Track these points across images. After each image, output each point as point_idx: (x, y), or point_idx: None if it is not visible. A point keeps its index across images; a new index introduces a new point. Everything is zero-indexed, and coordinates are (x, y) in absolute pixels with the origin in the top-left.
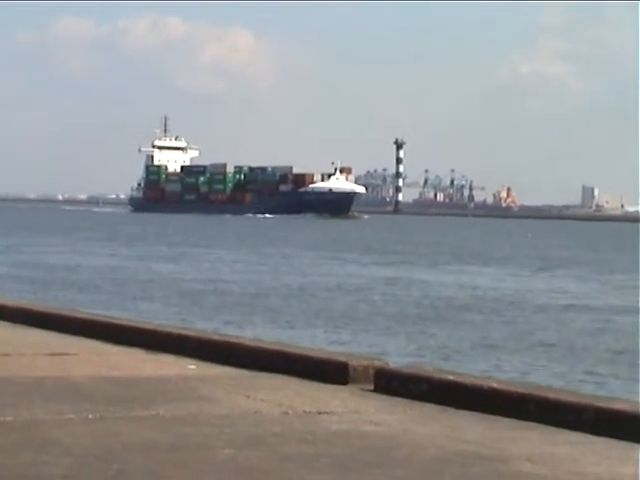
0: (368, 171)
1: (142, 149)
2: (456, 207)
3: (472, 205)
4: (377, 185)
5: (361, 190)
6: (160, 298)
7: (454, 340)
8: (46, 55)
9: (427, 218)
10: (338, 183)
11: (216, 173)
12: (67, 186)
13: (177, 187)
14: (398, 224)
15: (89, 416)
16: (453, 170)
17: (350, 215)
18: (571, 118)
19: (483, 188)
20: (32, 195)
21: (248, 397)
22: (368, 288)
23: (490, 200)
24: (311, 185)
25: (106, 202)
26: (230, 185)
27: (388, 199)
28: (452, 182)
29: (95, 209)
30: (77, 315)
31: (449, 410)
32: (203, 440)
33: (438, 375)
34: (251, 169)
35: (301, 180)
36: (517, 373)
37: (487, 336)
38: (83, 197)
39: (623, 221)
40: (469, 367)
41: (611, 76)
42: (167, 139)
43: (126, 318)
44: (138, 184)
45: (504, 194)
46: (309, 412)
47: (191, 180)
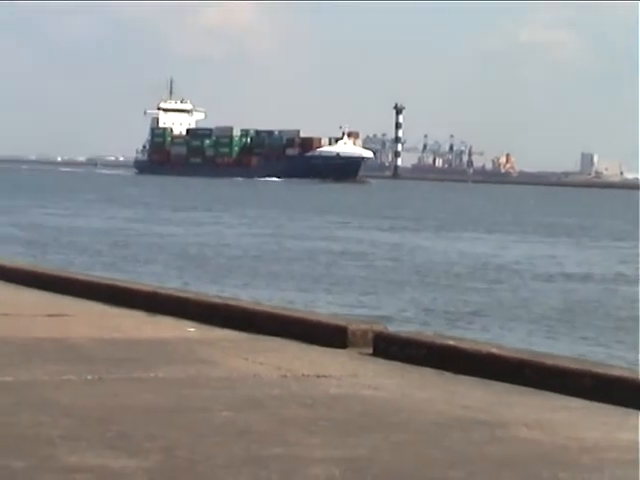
0: (367, 136)
1: (147, 111)
2: (455, 173)
3: (471, 171)
4: (376, 150)
5: (369, 155)
6: (161, 261)
7: (455, 306)
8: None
9: (427, 183)
10: (346, 147)
11: (222, 136)
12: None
13: (183, 150)
14: (403, 189)
15: (88, 377)
16: (452, 136)
17: (358, 180)
18: (570, 85)
19: (482, 154)
20: (32, 157)
21: (247, 360)
22: (371, 253)
23: (489, 166)
24: (318, 149)
25: (105, 164)
26: (236, 148)
27: (387, 164)
28: (451, 147)
29: (99, 171)
30: (76, 276)
31: (448, 375)
32: (202, 403)
33: (437, 340)
34: (257, 132)
35: (308, 144)
36: (518, 340)
37: (489, 303)
38: (82, 159)
39: (622, 188)
40: (470, 334)
41: (609, 43)
42: (172, 102)
43: (126, 280)
44: (143, 146)
45: (503, 160)
46: (308, 375)
47: (197, 143)
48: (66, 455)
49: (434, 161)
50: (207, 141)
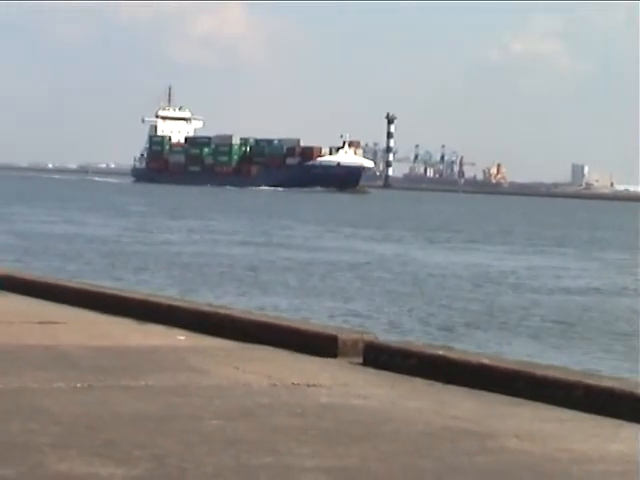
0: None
1: (145, 119)
2: (446, 183)
3: (462, 181)
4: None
5: (370, 164)
6: (153, 269)
7: (453, 318)
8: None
9: (419, 193)
10: (346, 157)
11: (221, 145)
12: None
13: (181, 158)
14: (398, 199)
15: (78, 385)
16: (444, 146)
17: (358, 189)
18: (562, 96)
19: (473, 164)
20: (23, 164)
21: (237, 369)
22: (365, 263)
23: (480, 176)
24: (319, 158)
25: (96, 172)
26: (236, 157)
27: (378, 173)
28: (442, 158)
29: (95, 178)
30: (67, 284)
31: (438, 385)
32: (192, 411)
33: (427, 350)
34: (257, 141)
35: (309, 153)
36: (517, 351)
37: (482, 314)
38: (73, 166)
39: (612, 199)
40: (467, 346)
41: (602, 55)
42: (171, 109)
43: (116, 288)
44: (141, 154)
45: (494, 170)
46: (298, 385)
47: (195, 151)
48: (55, 463)
49: (425, 171)
50: (206, 149)
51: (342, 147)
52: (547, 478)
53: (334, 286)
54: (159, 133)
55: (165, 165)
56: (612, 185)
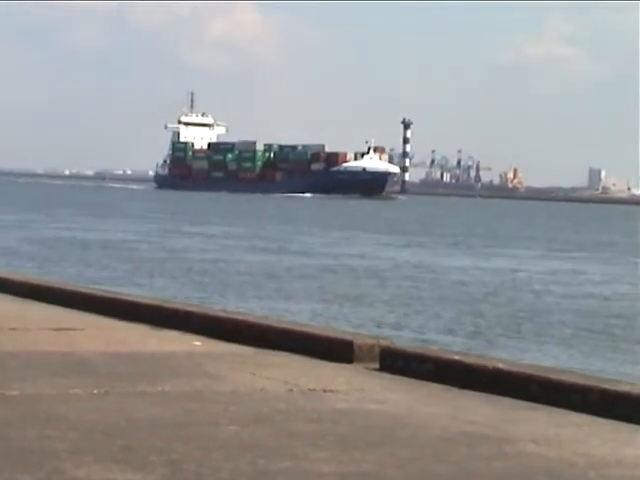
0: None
1: (168, 125)
2: (462, 188)
3: (479, 186)
4: None
5: (395, 170)
6: (172, 276)
7: (468, 323)
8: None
9: (435, 198)
10: (372, 162)
11: (245, 151)
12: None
13: (204, 164)
14: (421, 205)
15: (94, 391)
16: (460, 150)
17: (384, 195)
18: (578, 100)
19: (490, 169)
20: (39, 170)
21: (254, 374)
22: (385, 270)
23: (497, 181)
24: (344, 164)
25: (113, 178)
26: (259, 163)
27: (395, 179)
28: (459, 162)
29: (115, 185)
30: (83, 290)
31: (454, 390)
32: (208, 417)
33: (443, 355)
34: (281, 147)
35: (334, 159)
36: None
37: (502, 320)
38: (90, 173)
39: (630, 204)
40: (480, 350)
41: (618, 58)
42: (193, 115)
43: (132, 294)
44: (164, 161)
45: (511, 175)
46: (314, 390)
47: (219, 157)
48: (72, 469)
49: (442, 176)
50: (229, 155)
51: (367, 153)
52: None
53: (356, 293)
54: (182, 139)
55: (188, 171)
56: (629, 189)
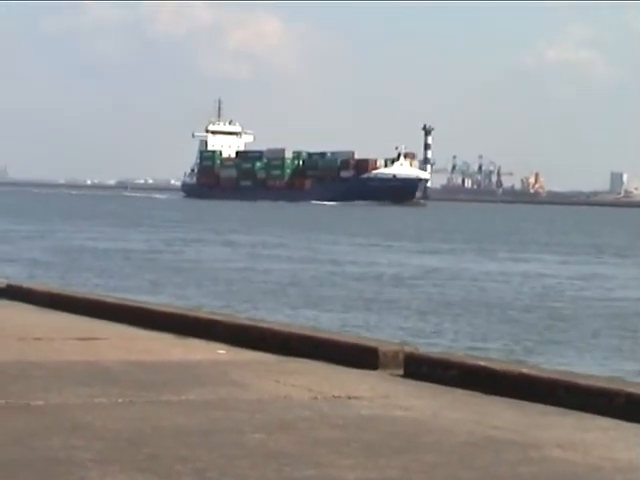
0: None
1: (196, 134)
2: (484, 193)
3: (500, 191)
4: None
5: (426, 176)
6: (197, 284)
7: (491, 330)
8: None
9: (458, 204)
10: (402, 169)
11: (274, 158)
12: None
13: (232, 173)
14: (452, 212)
15: (119, 400)
16: (481, 156)
17: (415, 202)
18: (599, 104)
19: (511, 174)
20: (61, 180)
21: (278, 382)
22: (412, 277)
23: (518, 186)
24: (374, 171)
25: (134, 187)
26: (288, 171)
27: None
28: (480, 168)
29: (140, 194)
30: (107, 300)
31: (479, 396)
32: (233, 425)
33: (468, 360)
34: (310, 154)
35: (364, 166)
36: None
37: (532, 325)
38: (111, 182)
39: None
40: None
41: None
42: (221, 123)
43: (155, 303)
44: (191, 170)
45: (532, 180)
46: (339, 397)
47: (247, 165)
48: (98, 478)
49: (463, 182)
50: (258, 164)
51: (397, 159)
52: None
53: (383, 300)
54: (209, 148)
55: (216, 180)
56: None
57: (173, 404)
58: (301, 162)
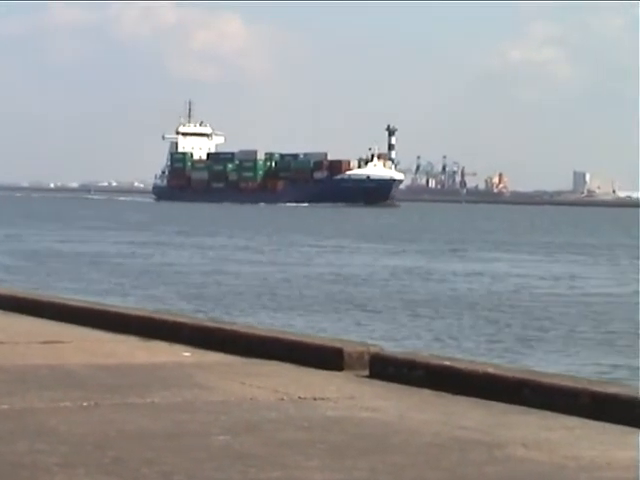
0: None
1: (166, 136)
2: (448, 193)
3: (464, 191)
4: None
5: (400, 177)
6: (164, 288)
7: (458, 329)
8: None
9: (423, 204)
10: (376, 170)
11: (245, 160)
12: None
13: (204, 175)
14: (421, 212)
15: (84, 404)
16: (445, 156)
17: (389, 203)
18: (562, 104)
19: (475, 174)
20: (24, 183)
21: (243, 384)
22: (379, 278)
23: (482, 186)
24: (348, 172)
25: (98, 190)
26: (261, 172)
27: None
28: (444, 168)
29: (120, 198)
30: (71, 303)
31: (445, 396)
32: (199, 427)
33: (434, 361)
34: (282, 156)
35: (337, 167)
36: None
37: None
38: (74, 185)
39: (615, 206)
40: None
41: (601, 62)
42: (192, 125)
43: (120, 305)
44: (162, 172)
45: (496, 180)
46: (305, 398)
47: (219, 167)
48: None
49: (427, 182)
50: (230, 165)
51: (371, 160)
52: None
53: (354, 302)
54: (180, 150)
55: (187, 182)
56: (614, 192)
57: (138, 407)
58: (273, 164)
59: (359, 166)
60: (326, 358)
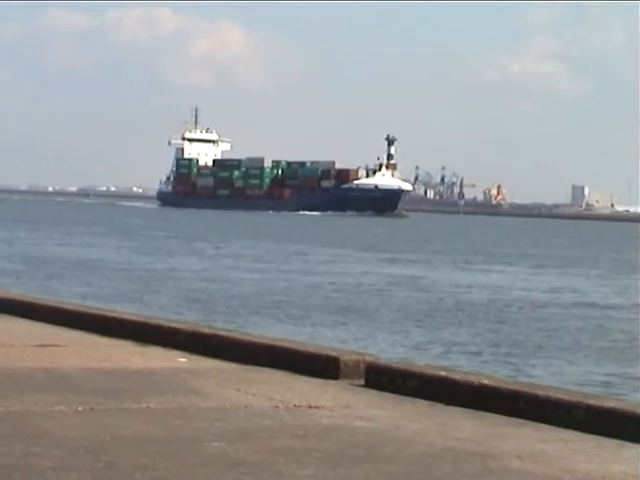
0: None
1: (172, 141)
2: (446, 204)
3: (462, 202)
4: None
5: (408, 187)
6: (165, 295)
7: (456, 339)
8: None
9: (421, 215)
10: (384, 179)
11: (252, 167)
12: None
13: (209, 181)
14: (441, 223)
15: (79, 408)
16: (444, 167)
17: (397, 213)
18: (561, 117)
19: (473, 185)
20: (23, 186)
21: (239, 391)
22: (380, 287)
23: (480, 197)
24: (355, 181)
25: (96, 194)
26: (267, 180)
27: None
28: (443, 179)
29: (124, 203)
30: (67, 307)
31: (440, 406)
32: (193, 433)
33: (429, 371)
34: (289, 164)
35: (345, 176)
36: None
37: (490, 336)
38: (73, 189)
39: (613, 220)
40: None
41: (600, 76)
42: (198, 131)
43: (116, 310)
44: (167, 178)
45: (494, 191)
46: (300, 406)
47: (225, 174)
48: None
49: (426, 193)
50: (236, 172)
51: (379, 169)
52: None
53: (353, 311)
54: (186, 156)
55: (193, 189)
56: (613, 206)
57: (133, 412)
58: (280, 171)
59: (367, 175)
60: (322, 366)
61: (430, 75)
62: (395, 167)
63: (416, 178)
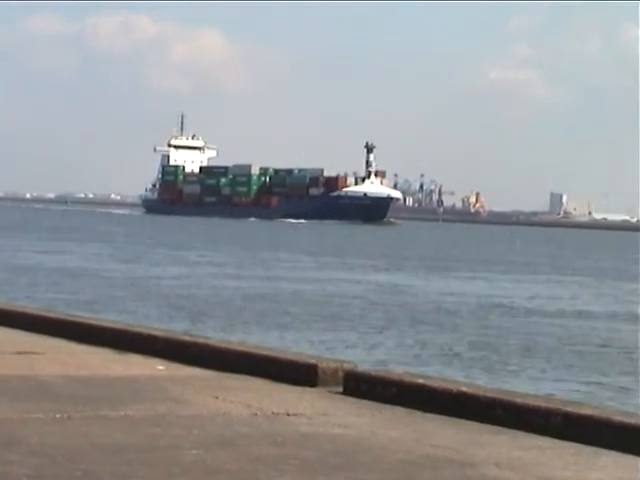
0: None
1: (157, 148)
2: (425, 212)
3: (441, 210)
4: None
5: (398, 195)
6: (148, 303)
7: (434, 345)
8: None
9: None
10: (373, 187)
11: (239, 174)
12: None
13: (196, 188)
14: (430, 231)
15: (56, 416)
16: (422, 175)
17: (386, 221)
18: (539, 125)
19: (452, 193)
20: (0, 193)
21: (217, 398)
22: (363, 295)
23: (459, 205)
24: (344, 189)
25: (74, 201)
26: (255, 187)
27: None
28: (421, 186)
29: (109, 210)
30: (45, 314)
31: (418, 413)
32: (172, 441)
33: (407, 378)
34: (276, 171)
35: (333, 183)
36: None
37: (469, 344)
38: (51, 196)
39: (590, 228)
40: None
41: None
42: (184, 138)
43: (94, 317)
44: (152, 185)
45: (473, 199)
46: (278, 414)
47: (212, 181)
48: None
49: (404, 200)
50: (223, 180)
51: (368, 177)
52: None
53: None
54: (172, 162)
55: (179, 196)
56: (590, 214)
57: (111, 420)
58: (268, 179)
59: (356, 183)
60: (300, 374)
61: (408, 83)
62: (384, 175)
63: (395, 185)
